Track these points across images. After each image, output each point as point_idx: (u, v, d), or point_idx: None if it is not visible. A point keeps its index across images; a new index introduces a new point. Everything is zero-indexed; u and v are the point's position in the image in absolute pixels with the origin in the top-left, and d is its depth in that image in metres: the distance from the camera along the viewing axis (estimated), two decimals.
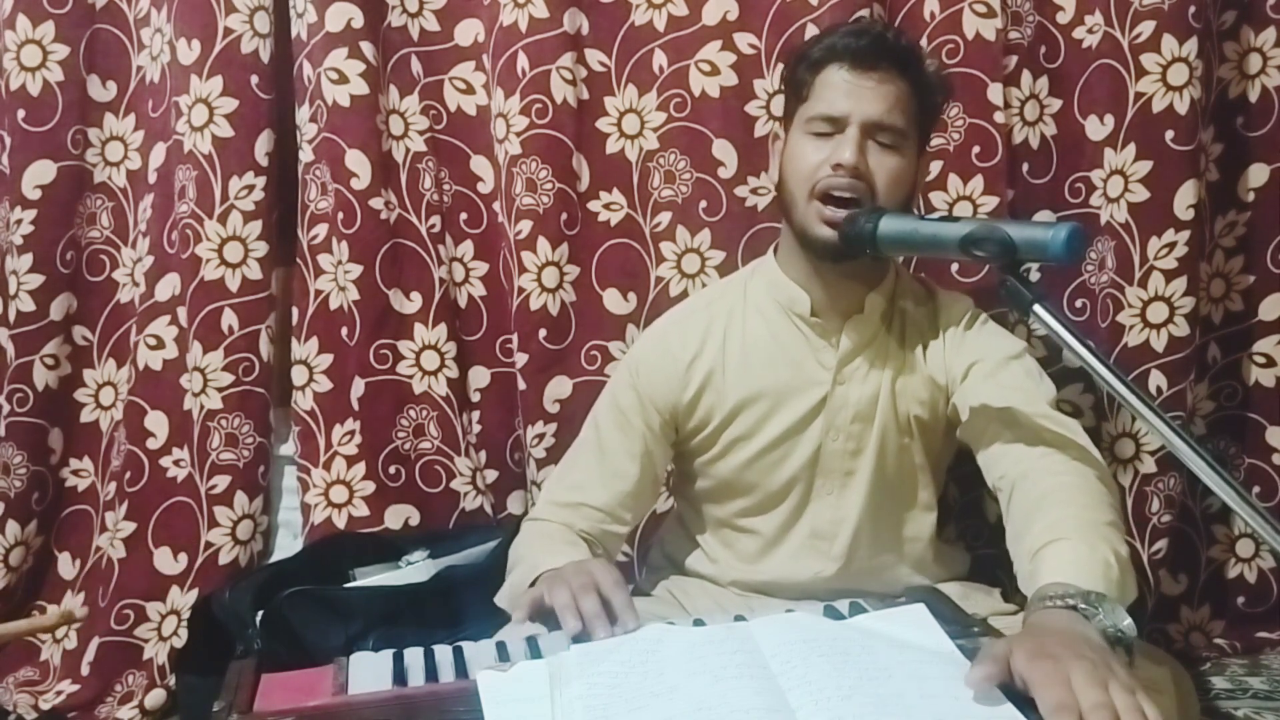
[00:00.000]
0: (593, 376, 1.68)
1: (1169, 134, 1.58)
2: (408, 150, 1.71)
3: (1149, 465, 1.64)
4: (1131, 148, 1.60)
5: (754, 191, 1.65)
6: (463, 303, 1.75)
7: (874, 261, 1.26)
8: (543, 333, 1.68)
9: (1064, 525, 1.01)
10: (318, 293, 1.72)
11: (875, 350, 1.30)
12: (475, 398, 1.76)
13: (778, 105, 1.58)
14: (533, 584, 1.13)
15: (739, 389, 1.31)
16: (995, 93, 1.60)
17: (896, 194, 1.23)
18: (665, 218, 1.68)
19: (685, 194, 1.67)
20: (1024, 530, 1.06)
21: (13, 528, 1.79)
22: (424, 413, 1.73)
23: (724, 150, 1.65)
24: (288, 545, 1.79)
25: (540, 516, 1.34)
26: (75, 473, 1.84)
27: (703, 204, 1.66)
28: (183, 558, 1.73)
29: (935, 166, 1.62)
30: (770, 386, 1.30)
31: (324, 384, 1.72)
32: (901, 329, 1.32)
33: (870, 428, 1.29)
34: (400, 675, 0.95)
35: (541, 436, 1.69)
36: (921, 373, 1.30)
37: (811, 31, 1.60)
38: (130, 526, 1.74)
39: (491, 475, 1.76)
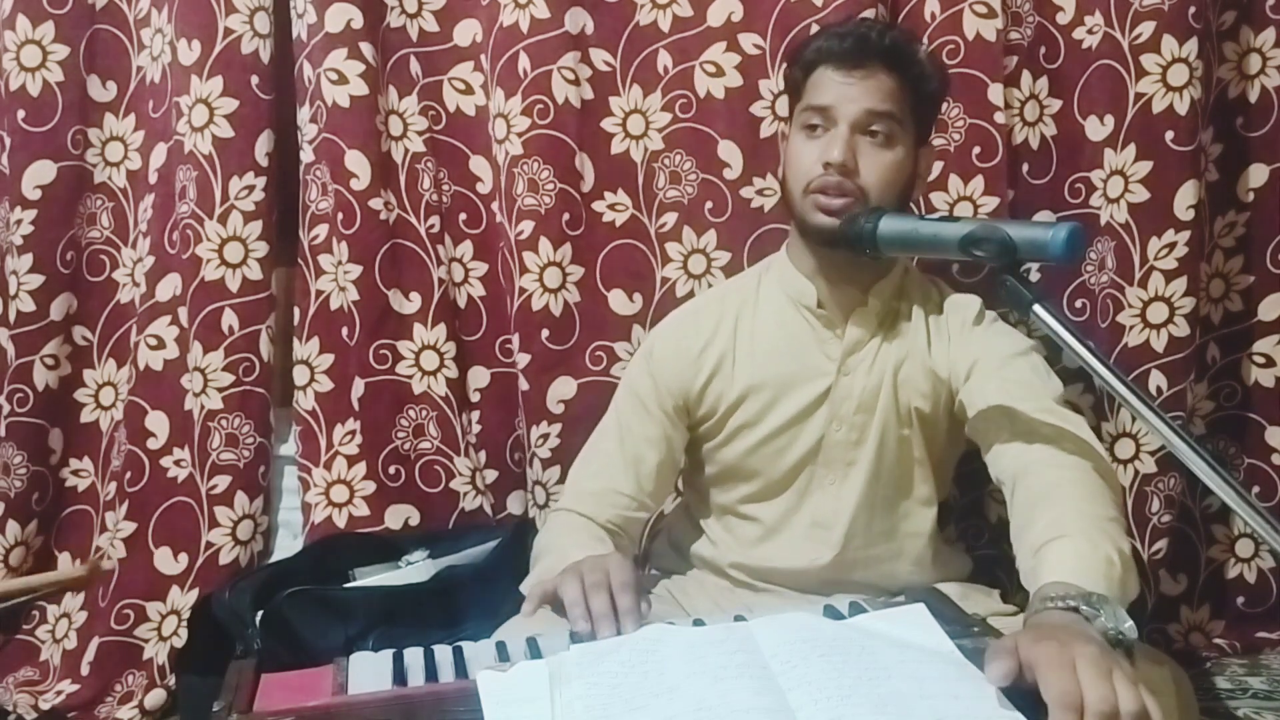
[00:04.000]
0: (598, 377, 1.68)
1: (1169, 134, 1.58)
2: (407, 151, 1.71)
3: (1149, 465, 1.64)
4: (1131, 148, 1.60)
5: (760, 193, 1.65)
6: (462, 303, 1.75)
7: (879, 259, 1.27)
8: (545, 333, 1.68)
9: (1066, 522, 1.02)
10: (318, 293, 1.72)
11: (879, 342, 1.32)
12: (475, 398, 1.76)
13: (782, 106, 1.58)
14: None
15: (745, 376, 1.33)
16: (995, 93, 1.60)
17: (889, 190, 1.25)
18: (671, 218, 1.68)
19: (691, 195, 1.67)
20: (1026, 525, 1.06)
21: (13, 528, 1.79)
22: (423, 413, 1.73)
23: (729, 151, 1.65)
24: (288, 545, 1.79)
25: (567, 507, 1.36)
26: (75, 473, 1.84)
27: (708, 205, 1.66)
28: (183, 558, 1.73)
29: (936, 167, 1.62)
30: (776, 375, 1.32)
31: (325, 384, 1.72)
32: (907, 323, 1.33)
33: (872, 419, 1.30)
34: (400, 675, 0.95)
35: (546, 437, 1.69)
36: (924, 365, 1.31)
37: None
38: (130, 526, 1.73)
39: (491, 475, 1.76)
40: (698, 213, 1.67)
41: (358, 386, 1.71)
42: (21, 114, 1.75)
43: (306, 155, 1.70)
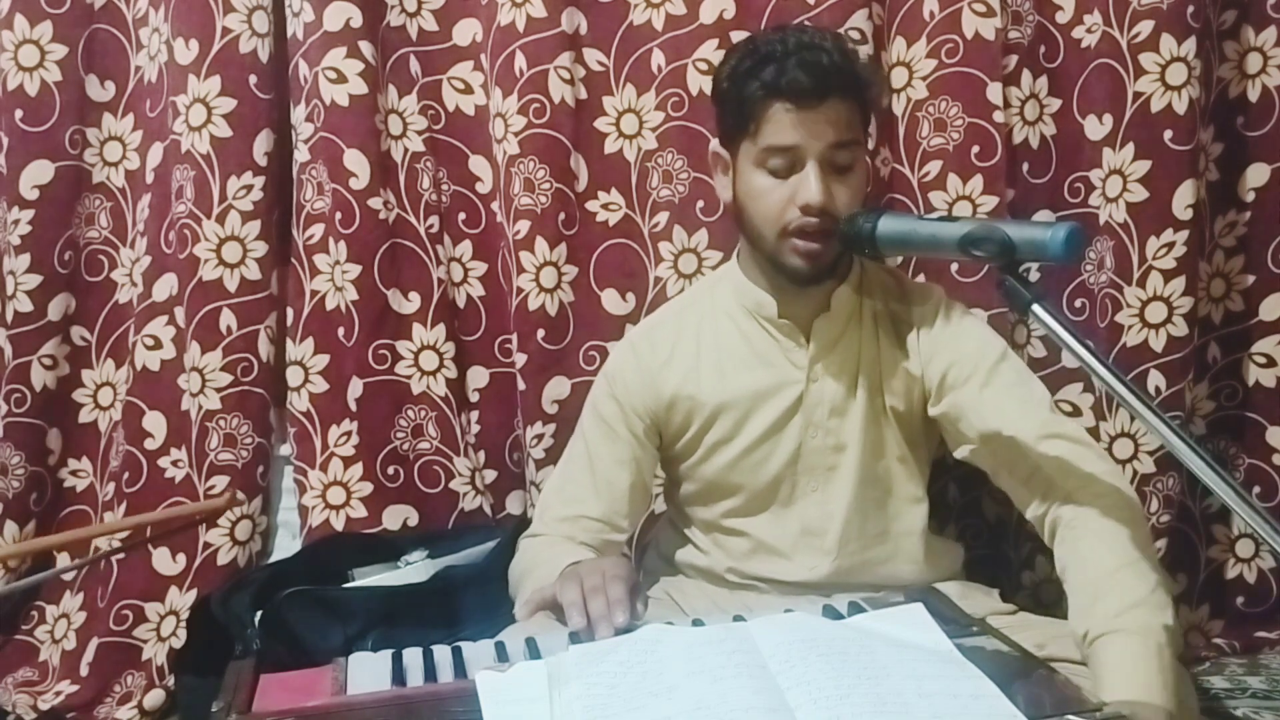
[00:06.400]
0: (591, 377, 1.67)
1: (1167, 134, 1.58)
2: (406, 150, 1.71)
3: (1148, 465, 1.63)
4: (1130, 147, 1.60)
5: None
6: (461, 303, 1.75)
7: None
8: (541, 333, 1.68)
9: (1123, 616, 1.03)
10: (314, 293, 1.71)
11: (846, 345, 1.31)
12: (474, 398, 1.76)
13: None
14: None
15: (716, 393, 1.32)
16: (995, 92, 1.60)
17: (859, 205, 1.24)
18: (663, 218, 1.68)
19: (682, 193, 1.67)
20: (1077, 588, 1.09)
21: (11, 528, 1.78)
22: (423, 413, 1.73)
23: None
24: (287, 546, 1.79)
25: (539, 533, 1.36)
26: (74, 473, 1.84)
27: (700, 204, 1.66)
28: (181, 558, 1.73)
29: (935, 166, 1.62)
30: (746, 389, 1.31)
31: (320, 385, 1.71)
32: (872, 322, 1.32)
33: (848, 422, 1.30)
34: (399, 675, 0.95)
35: (540, 437, 1.69)
36: (895, 363, 1.31)
37: None
38: None
39: (490, 475, 1.76)
40: (689, 212, 1.67)
41: (356, 387, 1.71)
42: (19, 114, 1.74)
43: (302, 154, 1.70)
